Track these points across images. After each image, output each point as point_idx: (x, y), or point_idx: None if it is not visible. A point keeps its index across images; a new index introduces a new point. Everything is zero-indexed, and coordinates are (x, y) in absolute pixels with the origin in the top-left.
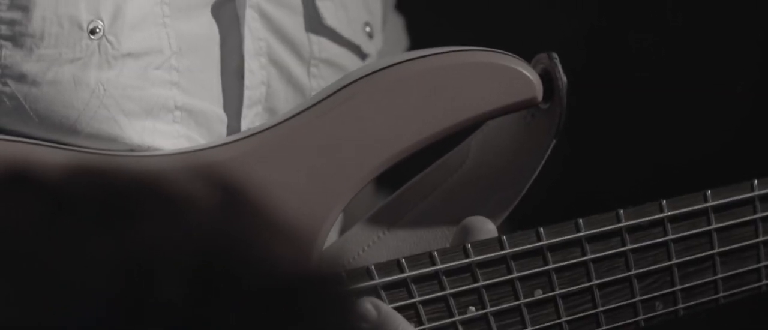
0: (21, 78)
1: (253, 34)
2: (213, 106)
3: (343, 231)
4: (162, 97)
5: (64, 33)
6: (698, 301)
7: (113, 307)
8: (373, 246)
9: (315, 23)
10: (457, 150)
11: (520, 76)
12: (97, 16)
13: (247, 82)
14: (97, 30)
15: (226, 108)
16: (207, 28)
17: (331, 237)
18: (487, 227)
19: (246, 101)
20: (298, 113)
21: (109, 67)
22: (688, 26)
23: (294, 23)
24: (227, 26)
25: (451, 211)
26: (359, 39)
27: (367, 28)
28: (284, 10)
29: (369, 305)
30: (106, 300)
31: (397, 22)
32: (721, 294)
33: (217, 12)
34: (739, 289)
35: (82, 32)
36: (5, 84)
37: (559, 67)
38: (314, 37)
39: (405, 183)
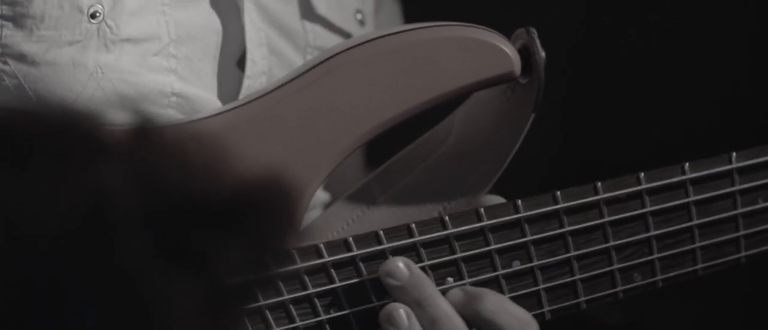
0: (21, 58)
1: (253, 24)
2: (208, 94)
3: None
4: (159, 83)
5: (65, 15)
6: (677, 273)
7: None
8: (357, 220)
9: (308, 12)
10: (440, 126)
11: (498, 50)
12: (97, 1)
13: (248, 71)
14: (97, 14)
15: (220, 96)
16: (206, 18)
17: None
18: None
19: (244, 90)
20: (278, 87)
21: (107, 51)
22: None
23: (289, 13)
24: (226, 16)
25: (435, 186)
26: (351, 27)
27: (359, 16)
28: (279, 1)
29: (401, 264)
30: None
31: (394, 9)
32: (700, 266)
33: (216, 2)
34: (718, 261)
35: (82, 15)
36: (5, 63)
37: (538, 42)
38: (309, 25)
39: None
